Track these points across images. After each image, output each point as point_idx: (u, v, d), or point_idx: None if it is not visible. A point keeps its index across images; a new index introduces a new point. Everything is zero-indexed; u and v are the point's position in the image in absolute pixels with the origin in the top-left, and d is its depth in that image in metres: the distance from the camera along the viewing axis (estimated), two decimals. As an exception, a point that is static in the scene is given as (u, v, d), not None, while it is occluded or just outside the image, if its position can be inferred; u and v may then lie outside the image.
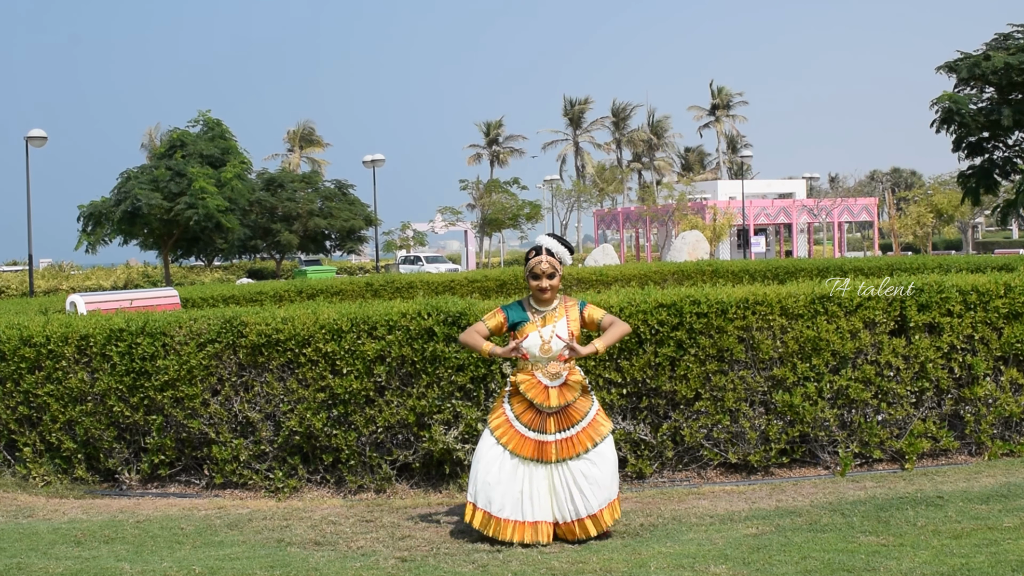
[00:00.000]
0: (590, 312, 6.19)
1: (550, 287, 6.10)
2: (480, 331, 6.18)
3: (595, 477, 5.94)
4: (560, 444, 5.97)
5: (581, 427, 5.99)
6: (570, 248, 6.28)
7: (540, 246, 6.21)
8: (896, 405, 7.59)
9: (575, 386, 6.04)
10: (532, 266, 6.13)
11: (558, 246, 6.22)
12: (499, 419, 6.06)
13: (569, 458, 5.96)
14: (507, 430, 6.02)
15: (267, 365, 7.58)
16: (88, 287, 41.70)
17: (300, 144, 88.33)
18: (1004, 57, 28.42)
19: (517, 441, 5.99)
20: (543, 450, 5.97)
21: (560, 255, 6.19)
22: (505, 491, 5.92)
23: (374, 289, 16.64)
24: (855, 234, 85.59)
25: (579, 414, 6.01)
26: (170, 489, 7.89)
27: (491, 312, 6.25)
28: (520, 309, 6.18)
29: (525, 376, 6.05)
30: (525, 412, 6.03)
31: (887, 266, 15.68)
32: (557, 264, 6.15)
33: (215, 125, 39.94)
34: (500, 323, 6.18)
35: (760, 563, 5.28)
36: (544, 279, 6.09)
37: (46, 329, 8.14)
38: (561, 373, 6.03)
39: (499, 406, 6.13)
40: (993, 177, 30.66)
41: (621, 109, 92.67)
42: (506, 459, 5.96)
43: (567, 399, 6.01)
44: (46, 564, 5.78)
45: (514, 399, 6.08)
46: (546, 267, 6.10)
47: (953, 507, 6.29)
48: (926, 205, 53.24)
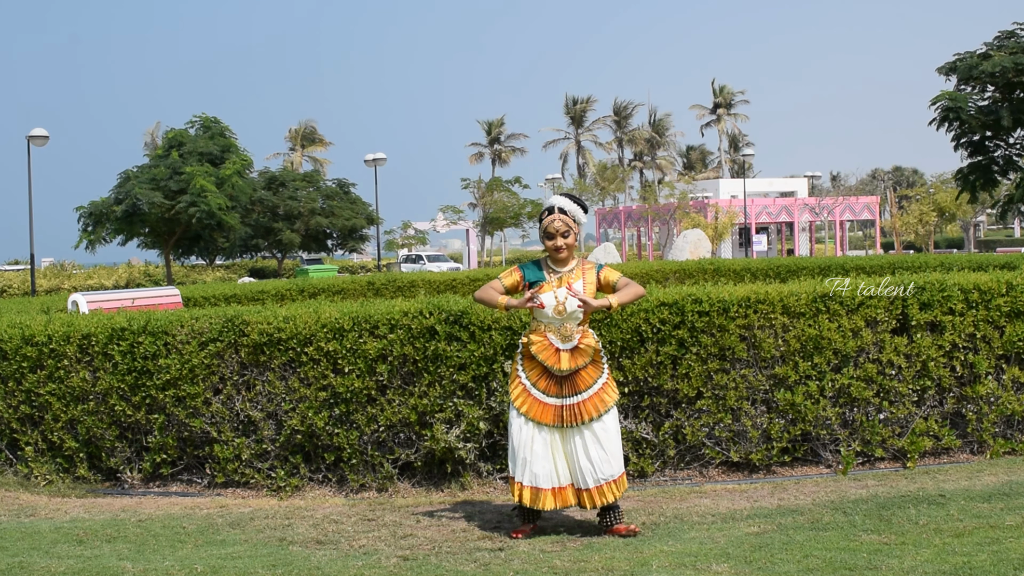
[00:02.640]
0: (606, 274, 6.12)
1: (565, 245, 6.04)
2: (496, 287, 6.13)
3: (598, 449, 5.95)
4: (567, 409, 5.97)
5: (587, 395, 5.97)
6: (583, 206, 6.18)
7: (553, 205, 6.11)
8: (898, 404, 7.58)
9: (587, 350, 6.01)
10: (546, 225, 6.06)
11: (571, 204, 6.12)
12: (517, 389, 6.05)
13: (574, 425, 5.96)
14: (526, 399, 6.01)
15: (269, 364, 7.58)
16: (90, 286, 41.70)
17: (302, 143, 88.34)
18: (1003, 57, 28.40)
19: (538, 409, 5.99)
20: (560, 414, 5.98)
21: (573, 213, 6.10)
22: (542, 463, 5.96)
23: (376, 288, 16.65)
24: (857, 233, 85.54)
25: (584, 383, 5.99)
26: (172, 488, 7.89)
27: (508, 270, 6.19)
28: (537, 268, 6.13)
29: (537, 337, 6.01)
30: (540, 378, 6.01)
31: (889, 264, 15.68)
32: (571, 222, 6.06)
33: (213, 123, 39.91)
34: (516, 281, 6.13)
35: (762, 562, 5.28)
36: (559, 238, 6.03)
37: (48, 328, 8.15)
38: (574, 336, 5.98)
39: (515, 375, 6.10)
40: (992, 174, 30.62)
41: (623, 108, 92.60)
42: (535, 432, 5.98)
43: (578, 362, 5.98)
44: (48, 563, 5.78)
45: (527, 363, 6.06)
46: (560, 225, 6.03)
47: (955, 506, 6.29)
48: (928, 203, 53.20)
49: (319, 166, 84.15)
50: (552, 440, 6.01)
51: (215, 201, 35.85)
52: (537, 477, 5.98)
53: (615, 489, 6.00)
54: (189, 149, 38.08)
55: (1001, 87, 29.38)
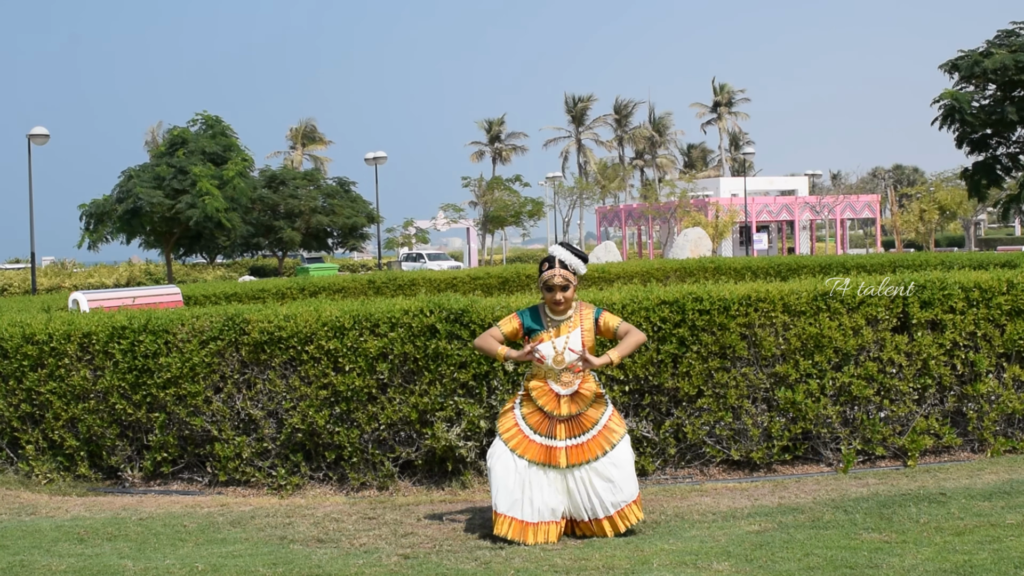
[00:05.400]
0: (605, 320, 6.10)
1: (564, 299, 6.02)
2: (495, 336, 6.12)
3: (609, 480, 5.91)
4: (571, 451, 5.95)
5: (592, 434, 5.96)
6: (583, 258, 6.13)
7: (554, 257, 6.07)
8: (899, 402, 7.58)
9: (587, 395, 6.01)
10: (546, 279, 6.02)
11: (571, 257, 6.09)
12: (508, 423, 6.04)
13: (582, 463, 5.93)
14: (515, 433, 6.00)
15: (269, 362, 7.58)
16: (91, 285, 41.72)
17: (302, 141, 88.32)
18: (1004, 55, 28.40)
19: (525, 445, 5.97)
20: (551, 455, 5.94)
21: (574, 267, 6.06)
22: (522, 495, 5.90)
23: (376, 286, 16.63)
24: (858, 231, 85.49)
25: (590, 422, 5.98)
26: (173, 487, 7.90)
27: (506, 318, 6.18)
28: (535, 316, 6.11)
29: (538, 383, 6.02)
30: (533, 414, 6.01)
31: (889, 263, 15.66)
32: (571, 276, 6.03)
33: (215, 123, 39.89)
34: (515, 329, 6.12)
35: (763, 560, 5.28)
36: (558, 292, 6.00)
37: (49, 327, 8.15)
38: (574, 383, 6.00)
39: (510, 409, 6.09)
40: (996, 173, 30.64)
41: (623, 106, 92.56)
42: (518, 464, 5.94)
43: (578, 408, 5.98)
44: (49, 562, 5.78)
45: (526, 402, 6.06)
46: (559, 280, 5.99)
47: (956, 504, 6.29)
48: (929, 202, 53.16)
49: (320, 164, 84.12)
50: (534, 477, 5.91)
51: (212, 204, 35.79)
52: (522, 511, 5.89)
53: (636, 511, 5.98)
54: (191, 148, 38.06)
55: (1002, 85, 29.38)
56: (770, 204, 58.56)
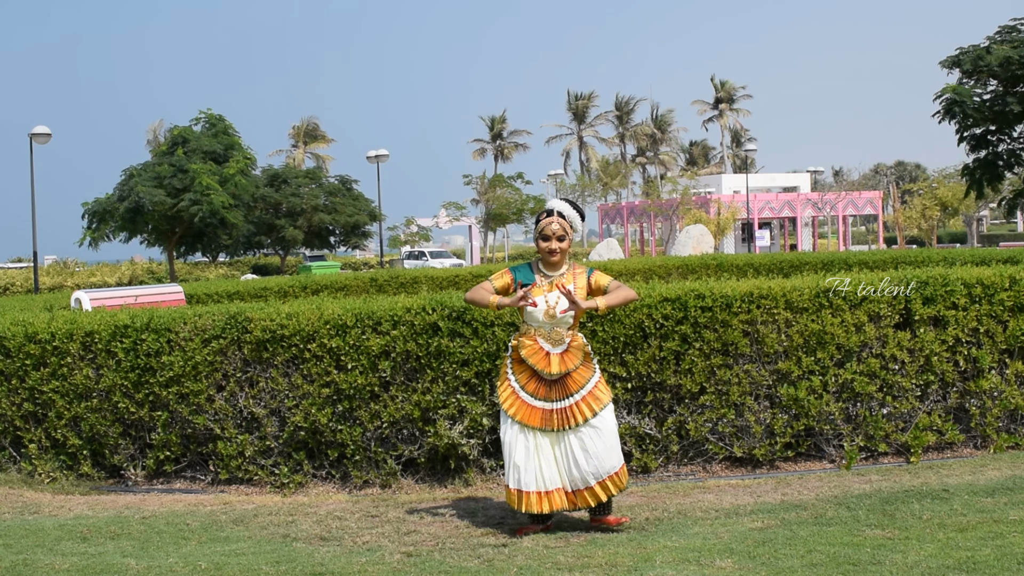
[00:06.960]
0: (597, 279, 6.15)
1: (559, 249, 6.06)
2: (487, 288, 6.14)
3: (595, 446, 5.93)
4: (559, 413, 5.97)
5: (579, 396, 5.96)
6: (581, 213, 6.22)
7: (552, 208, 6.16)
8: (901, 398, 7.58)
9: (577, 351, 6.02)
10: (542, 227, 6.10)
11: (569, 210, 6.17)
12: (506, 392, 6.06)
13: (568, 428, 5.95)
14: (514, 402, 6.01)
15: (272, 361, 7.59)
16: (93, 283, 41.74)
17: (304, 140, 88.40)
18: (1006, 50, 28.37)
19: (525, 412, 5.98)
20: (549, 418, 5.97)
21: (571, 219, 6.14)
22: (527, 466, 5.95)
23: (378, 284, 16.64)
24: (860, 228, 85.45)
25: (576, 384, 5.98)
26: (175, 485, 7.90)
27: (498, 272, 6.21)
28: (528, 271, 6.15)
29: (528, 340, 6.02)
30: (529, 381, 6.02)
31: (892, 259, 15.64)
32: (568, 227, 6.09)
33: (217, 121, 39.91)
34: (507, 283, 6.14)
35: (765, 557, 5.28)
36: (554, 240, 6.05)
37: (51, 325, 8.15)
38: (564, 339, 6.00)
39: (504, 377, 6.11)
40: (998, 169, 30.59)
41: (625, 103, 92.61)
42: (520, 435, 5.98)
43: (568, 366, 5.98)
44: (52, 560, 5.79)
45: (516, 367, 6.07)
46: (556, 228, 6.05)
47: (959, 500, 6.28)
48: (931, 198, 53.14)
49: (321, 163, 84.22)
50: (538, 444, 5.98)
51: (218, 199, 35.83)
52: (521, 480, 5.97)
53: (618, 481, 5.99)
54: (193, 147, 38.07)
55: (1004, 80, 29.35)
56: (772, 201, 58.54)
